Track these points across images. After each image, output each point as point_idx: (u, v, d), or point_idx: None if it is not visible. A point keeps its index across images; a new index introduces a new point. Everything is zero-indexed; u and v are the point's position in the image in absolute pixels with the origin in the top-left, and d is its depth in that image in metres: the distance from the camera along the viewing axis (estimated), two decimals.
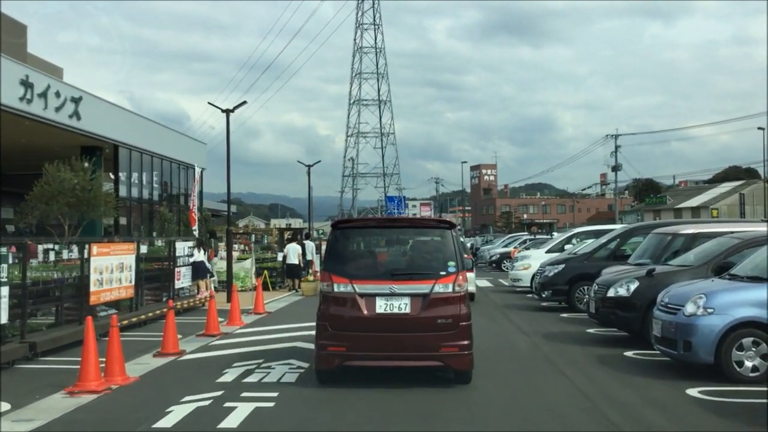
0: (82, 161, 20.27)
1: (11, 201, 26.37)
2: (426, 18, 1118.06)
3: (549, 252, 22.52)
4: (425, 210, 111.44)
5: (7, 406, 7.19)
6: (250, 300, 16.17)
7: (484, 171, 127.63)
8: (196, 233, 21.44)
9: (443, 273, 7.96)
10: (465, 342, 7.88)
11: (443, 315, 7.81)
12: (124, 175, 32.12)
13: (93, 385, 7.71)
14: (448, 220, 9.52)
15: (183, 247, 16.31)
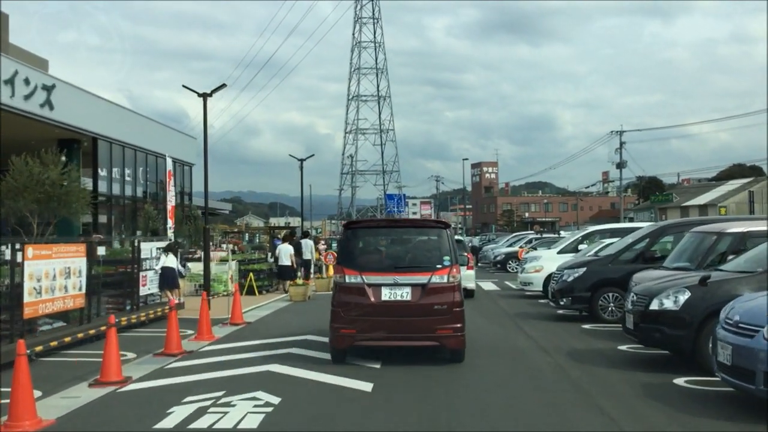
0: (54, 154, 18.52)
1: None
2: (425, 16, 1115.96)
3: (562, 253, 20.59)
4: (425, 209, 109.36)
5: None
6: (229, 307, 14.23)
7: (485, 168, 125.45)
8: (171, 232, 19.40)
9: (439, 266, 9.10)
10: (458, 325, 8.96)
11: (439, 302, 8.92)
12: (105, 171, 30.33)
13: None
14: (443, 220, 10.86)
15: (151, 249, 14.26)
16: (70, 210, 19.55)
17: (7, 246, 10.50)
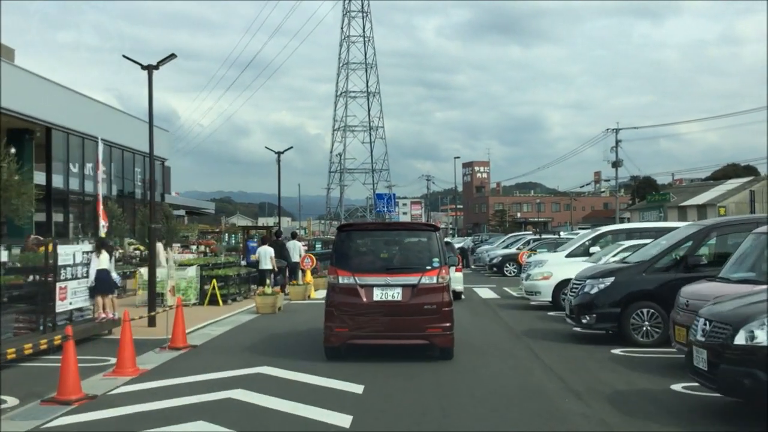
0: (2, 146, 15.93)
1: None
2: (415, 17, 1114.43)
3: (571, 256, 18.07)
4: (416, 208, 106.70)
5: None
6: (188, 321, 11.48)
7: (476, 168, 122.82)
8: (104, 230, 16.61)
9: (429, 267, 9.44)
10: (447, 324, 9.30)
11: (429, 302, 9.27)
12: (63, 164, 27.44)
13: None
14: (433, 224, 11.08)
15: (74, 253, 11.44)
16: (8, 207, 16.97)
17: None
